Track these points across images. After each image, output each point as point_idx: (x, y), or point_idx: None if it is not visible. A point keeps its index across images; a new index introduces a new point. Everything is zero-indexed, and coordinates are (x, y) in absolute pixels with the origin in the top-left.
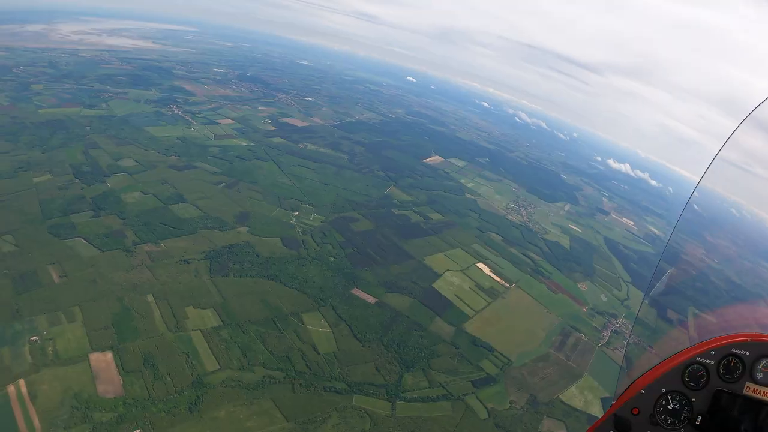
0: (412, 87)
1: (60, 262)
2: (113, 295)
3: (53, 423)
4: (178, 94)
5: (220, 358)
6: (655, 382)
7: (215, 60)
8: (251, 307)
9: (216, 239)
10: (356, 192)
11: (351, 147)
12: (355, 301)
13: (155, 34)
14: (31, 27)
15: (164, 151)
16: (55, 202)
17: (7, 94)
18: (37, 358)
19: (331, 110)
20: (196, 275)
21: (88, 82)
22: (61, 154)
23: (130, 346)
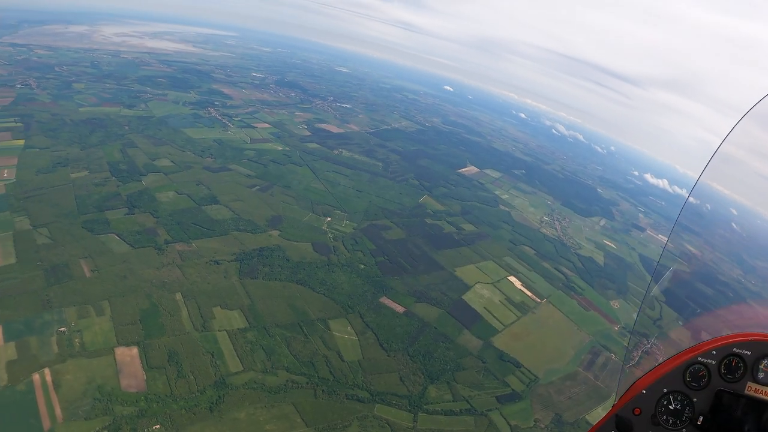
0: (449, 96)
1: (92, 256)
2: (142, 292)
3: (74, 413)
4: (216, 97)
5: (244, 360)
6: (657, 383)
7: (254, 65)
8: (278, 310)
9: (247, 241)
10: (389, 200)
11: (386, 155)
12: (383, 309)
13: (196, 38)
14: (75, 28)
15: (200, 152)
16: (90, 198)
17: (50, 91)
18: (63, 349)
19: (367, 117)
20: (225, 276)
21: (129, 82)
22: (99, 152)
23: (155, 343)
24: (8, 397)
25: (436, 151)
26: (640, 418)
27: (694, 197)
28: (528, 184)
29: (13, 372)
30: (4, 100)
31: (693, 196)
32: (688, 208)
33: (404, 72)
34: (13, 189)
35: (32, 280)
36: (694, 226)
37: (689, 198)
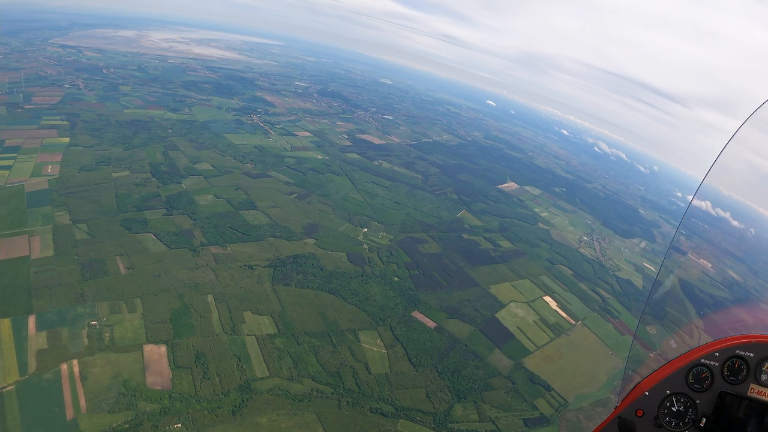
0: (491, 111)
1: (128, 254)
2: (175, 292)
3: (98, 405)
4: (259, 105)
5: (271, 366)
6: (660, 384)
7: (298, 74)
8: (309, 318)
9: (282, 248)
10: (427, 213)
11: (426, 167)
12: (414, 323)
13: (242, 46)
14: (124, 32)
15: (241, 158)
16: (130, 197)
17: (97, 93)
18: (93, 342)
19: (408, 129)
20: (258, 281)
21: (174, 87)
22: (142, 153)
23: (184, 343)
24: (35, 384)
25: (476, 166)
26: (643, 419)
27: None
28: (568, 203)
29: (42, 360)
30: (53, 99)
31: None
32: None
33: (447, 85)
34: (56, 185)
35: (68, 274)
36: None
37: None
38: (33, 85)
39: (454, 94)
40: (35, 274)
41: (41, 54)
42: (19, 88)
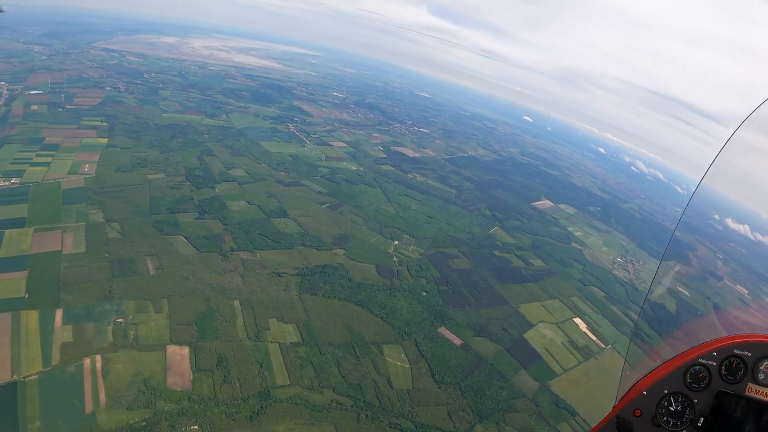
0: (528, 127)
1: (158, 255)
2: (202, 295)
3: (117, 401)
4: (296, 114)
5: (292, 374)
6: (657, 384)
7: (336, 84)
8: (334, 329)
9: (311, 257)
10: (459, 228)
11: (460, 182)
12: (440, 339)
13: (281, 56)
14: (167, 39)
15: (275, 165)
16: (164, 200)
17: (136, 96)
18: (117, 339)
19: (444, 143)
20: (285, 289)
21: (213, 93)
22: (177, 157)
23: (207, 346)
24: (57, 376)
25: (511, 182)
26: (640, 419)
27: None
28: (603, 222)
29: (66, 354)
30: (93, 100)
31: (695, 198)
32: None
33: (485, 100)
34: (92, 183)
35: (98, 270)
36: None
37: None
38: (75, 86)
39: (492, 109)
40: (65, 269)
41: (84, 56)
42: (61, 88)
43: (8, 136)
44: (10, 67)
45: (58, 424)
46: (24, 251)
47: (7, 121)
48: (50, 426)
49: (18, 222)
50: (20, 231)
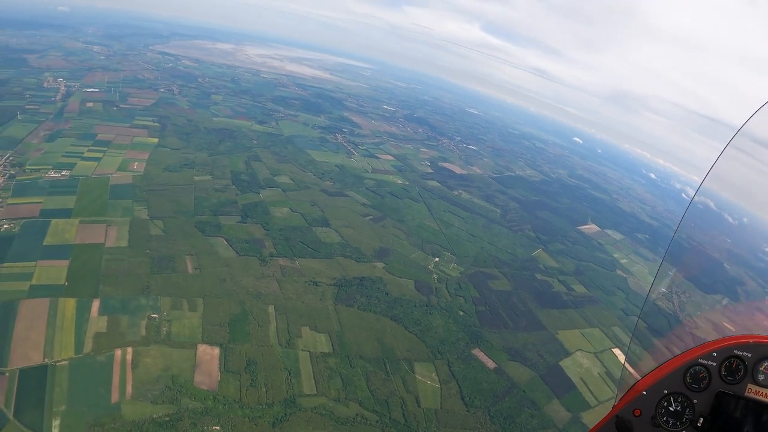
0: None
1: (198, 255)
2: (237, 297)
3: (143, 394)
4: (345, 125)
5: (320, 384)
6: (657, 384)
7: (386, 97)
8: (366, 342)
9: (350, 269)
10: (502, 249)
11: (506, 202)
12: (473, 361)
13: (334, 67)
14: (222, 45)
15: (320, 175)
16: (208, 201)
17: (189, 99)
18: (150, 334)
19: (492, 162)
20: (321, 299)
21: (264, 100)
22: (225, 160)
23: (237, 348)
24: (87, 364)
25: (557, 204)
26: (640, 419)
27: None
28: (650, 250)
29: (99, 343)
30: (147, 101)
31: (696, 199)
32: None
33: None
34: (139, 181)
35: (138, 265)
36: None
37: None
38: (130, 86)
39: (541, 129)
40: (106, 262)
41: (141, 59)
42: (117, 88)
43: (62, 130)
44: (69, 64)
45: (83, 410)
46: (68, 241)
47: (62, 116)
48: (75, 411)
49: (65, 213)
50: (66, 221)
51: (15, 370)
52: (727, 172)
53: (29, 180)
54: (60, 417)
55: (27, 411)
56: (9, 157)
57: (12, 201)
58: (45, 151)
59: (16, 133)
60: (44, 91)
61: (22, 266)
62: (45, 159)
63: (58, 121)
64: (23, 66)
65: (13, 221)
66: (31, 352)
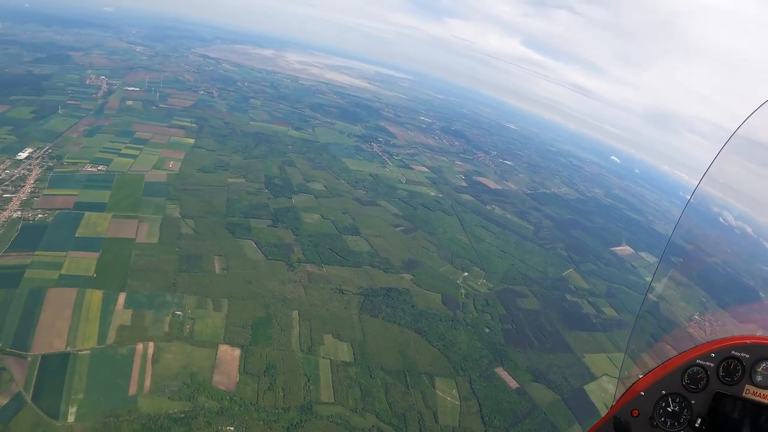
0: (615, 167)
1: (226, 256)
2: (262, 301)
3: (161, 389)
4: (381, 134)
5: (338, 393)
6: (655, 385)
7: (423, 109)
8: (388, 353)
9: (378, 278)
10: (532, 267)
11: (539, 219)
12: (495, 380)
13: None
14: (263, 51)
15: (354, 183)
16: (240, 203)
17: (228, 102)
18: (173, 330)
19: (527, 178)
20: (346, 307)
21: (301, 107)
22: (259, 164)
23: (258, 351)
24: (109, 355)
25: (591, 224)
26: (638, 419)
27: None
28: (684, 276)
29: (122, 336)
30: (186, 102)
31: (693, 200)
32: (689, 213)
33: (572, 136)
34: (173, 180)
35: (166, 263)
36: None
37: (690, 203)
38: (170, 87)
39: (579, 146)
40: (136, 257)
41: (183, 61)
42: (157, 88)
43: (102, 126)
44: (111, 63)
45: (100, 400)
46: (99, 234)
47: (102, 112)
48: (92, 400)
49: (98, 206)
50: (99, 215)
51: (37, 355)
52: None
53: (66, 173)
54: (77, 405)
55: (45, 396)
56: (48, 149)
57: (48, 192)
58: (83, 145)
59: (56, 127)
60: (86, 87)
61: (53, 255)
62: (83, 153)
63: (98, 118)
64: (67, 62)
65: (47, 211)
66: (55, 340)
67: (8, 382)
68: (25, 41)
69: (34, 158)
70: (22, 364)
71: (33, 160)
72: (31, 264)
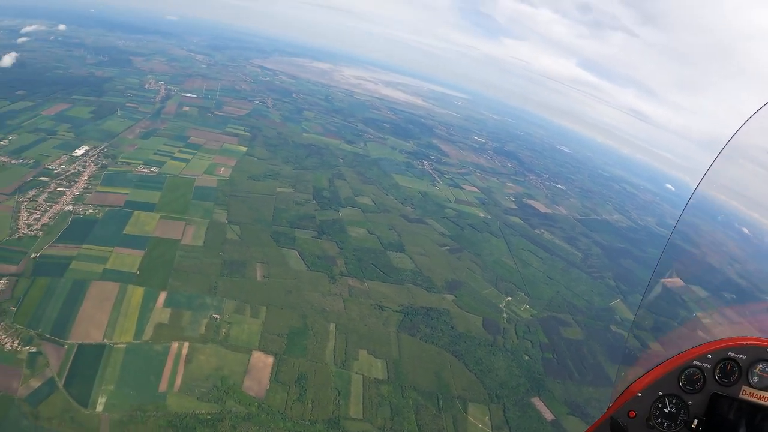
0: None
1: (269, 263)
2: (300, 311)
3: (190, 389)
4: (433, 152)
5: (368, 410)
6: (652, 386)
7: (477, 128)
8: (422, 374)
9: (419, 297)
10: (578, 295)
11: (588, 246)
12: (530, 410)
13: (427, 94)
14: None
15: (402, 199)
16: (287, 213)
17: (282, 113)
18: (209, 333)
19: (578, 203)
20: (384, 324)
21: (355, 121)
22: (309, 176)
23: (292, 360)
24: (144, 350)
25: (643, 254)
26: (634, 420)
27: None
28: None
29: (159, 333)
30: (241, 111)
31: (693, 201)
32: (688, 214)
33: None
34: (223, 185)
35: (209, 266)
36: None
37: (689, 203)
38: (226, 95)
39: (632, 172)
40: (180, 258)
41: (240, 70)
42: (213, 95)
43: (157, 130)
44: (171, 69)
45: (130, 393)
46: (146, 233)
47: (159, 116)
48: (122, 392)
49: (148, 206)
50: (148, 215)
51: (74, 344)
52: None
53: (119, 172)
54: (107, 395)
55: (77, 384)
56: (104, 148)
57: (101, 189)
58: (138, 147)
59: (113, 128)
60: (145, 91)
61: (100, 250)
62: (137, 154)
63: (155, 121)
64: (128, 66)
65: (98, 207)
66: (93, 331)
67: (43, 367)
68: (89, 44)
69: (90, 156)
70: (59, 351)
71: (88, 158)
72: (77, 256)
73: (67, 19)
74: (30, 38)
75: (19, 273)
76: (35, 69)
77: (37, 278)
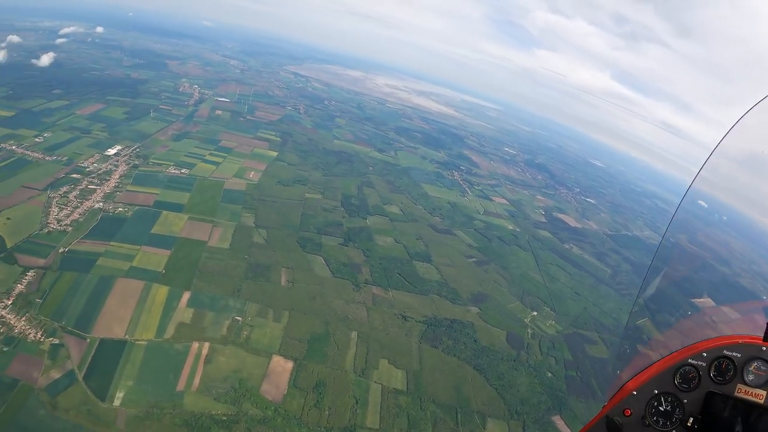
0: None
1: (294, 269)
2: (323, 317)
3: (208, 389)
4: (463, 162)
5: (384, 420)
6: (647, 384)
7: (509, 140)
8: (442, 387)
9: (443, 309)
10: (605, 312)
11: (618, 262)
12: (550, 428)
13: (460, 104)
14: (352, 72)
15: (431, 209)
16: (314, 219)
17: (313, 119)
18: (230, 334)
19: (609, 218)
20: (406, 334)
21: (386, 129)
22: (338, 182)
23: (311, 367)
24: (164, 348)
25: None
26: (630, 419)
27: (687, 203)
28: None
29: (180, 332)
30: (273, 116)
31: (686, 200)
32: (682, 212)
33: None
34: (252, 189)
35: (234, 268)
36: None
37: (683, 202)
38: (259, 101)
39: (665, 188)
40: (205, 259)
41: (273, 77)
42: (246, 100)
43: (189, 132)
44: (205, 74)
45: (147, 390)
46: (174, 233)
47: (192, 119)
48: (140, 389)
49: (176, 207)
50: (176, 215)
51: (96, 338)
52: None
53: (150, 172)
54: (125, 391)
55: (96, 377)
56: (136, 149)
57: (131, 188)
58: (170, 148)
59: (146, 129)
60: (179, 95)
61: (128, 248)
62: (168, 156)
63: (187, 124)
64: (163, 70)
65: (128, 206)
66: (116, 326)
67: (64, 359)
68: (125, 47)
69: (122, 155)
70: (81, 344)
71: (120, 157)
72: (104, 253)
73: (105, 21)
74: (68, 39)
75: (47, 266)
76: (72, 69)
77: (64, 272)
